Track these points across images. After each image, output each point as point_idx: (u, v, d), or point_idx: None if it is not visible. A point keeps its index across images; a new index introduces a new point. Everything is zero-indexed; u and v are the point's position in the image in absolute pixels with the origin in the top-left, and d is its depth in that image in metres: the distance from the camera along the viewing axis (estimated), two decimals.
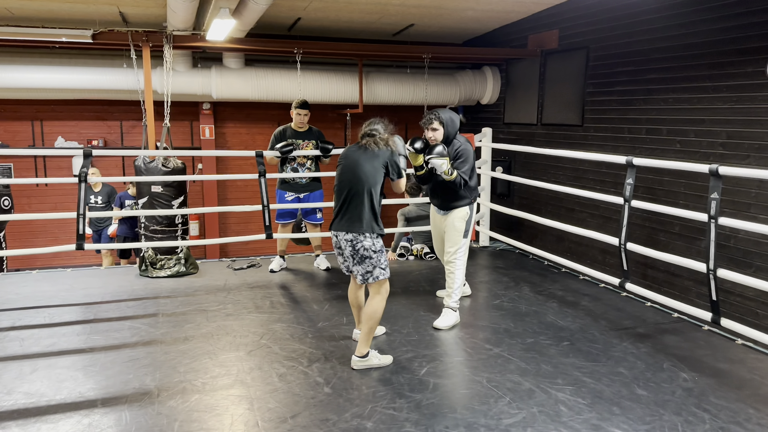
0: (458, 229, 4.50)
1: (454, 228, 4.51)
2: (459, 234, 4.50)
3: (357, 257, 3.69)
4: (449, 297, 4.53)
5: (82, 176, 5.05)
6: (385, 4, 7.19)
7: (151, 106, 6.39)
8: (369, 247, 3.67)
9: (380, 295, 3.75)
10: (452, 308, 4.51)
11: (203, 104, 9.49)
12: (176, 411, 3.20)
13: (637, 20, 6.43)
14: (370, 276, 3.71)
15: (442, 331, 4.36)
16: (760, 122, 5.17)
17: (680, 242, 5.95)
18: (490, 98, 9.44)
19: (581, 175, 7.34)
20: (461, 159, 4.40)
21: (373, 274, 3.70)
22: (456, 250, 4.53)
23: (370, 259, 3.68)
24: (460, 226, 4.50)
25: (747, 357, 3.98)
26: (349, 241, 3.69)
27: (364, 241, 3.66)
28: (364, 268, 3.70)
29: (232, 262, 6.28)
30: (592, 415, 3.18)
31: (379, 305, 3.74)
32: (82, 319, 4.59)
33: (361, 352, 3.72)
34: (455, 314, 4.51)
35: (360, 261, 3.70)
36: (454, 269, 4.52)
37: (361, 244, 3.66)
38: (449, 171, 4.30)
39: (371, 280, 3.72)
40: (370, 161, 3.72)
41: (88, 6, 6.72)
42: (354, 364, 3.72)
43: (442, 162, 4.25)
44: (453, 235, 4.52)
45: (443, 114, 4.41)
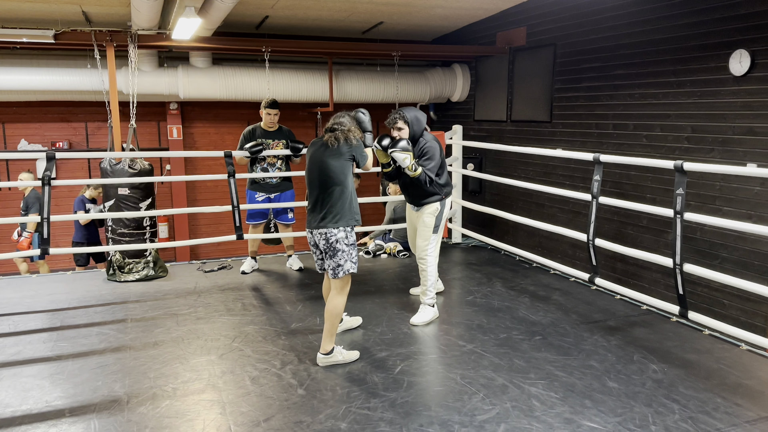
0: (428, 224, 4.52)
1: (424, 223, 4.54)
2: (429, 229, 4.52)
3: (330, 250, 3.75)
4: (424, 294, 4.55)
5: (45, 179, 4.93)
6: (354, 2, 7.16)
7: (117, 106, 6.26)
8: (342, 239, 3.74)
9: (342, 292, 3.82)
10: (428, 304, 4.54)
11: (170, 104, 9.34)
12: (146, 417, 3.14)
13: (603, 17, 6.52)
14: (341, 270, 3.75)
15: (416, 329, 4.37)
16: (723, 116, 5.28)
17: (648, 236, 6.06)
18: (460, 95, 9.48)
19: (551, 171, 7.42)
20: (426, 156, 4.41)
21: (344, 267, 3.75)
22: (426, 246, 4.54)
23: (342, 252, 3.74)
24: (430, 221, 4.52)
25: (714, 347, 4.06)
26: (322, 234, 3.75)
27: (337, 233, 3.74)
28: (336, 261, 3.75)
29: (203, 265, 6.20)
30: (564, 409, 3.21)
31: (340, 302, 3.80)
32: (48, 326, 4.48)
33: (325, 348, 3.77)
34: (432, 310, 4.54)
35: (332, 254, 3.75)
36: (426, 265, 4.54)
37: (335, 237, 3.73)
38: (413, 166, 4.31)
39: (341, 274, 3.75)
40: (335, 157, 3.76)
41: (50, 5, 6.56)
42: (319, 361, 3.76)
43: (405, 156, 4.27)
44: (423, 230, 4.55)
45: (408, 113, 4.42)
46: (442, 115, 10.20)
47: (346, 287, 3.83)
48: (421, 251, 4.56)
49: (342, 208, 3.75)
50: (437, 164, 4.46)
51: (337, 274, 3.76)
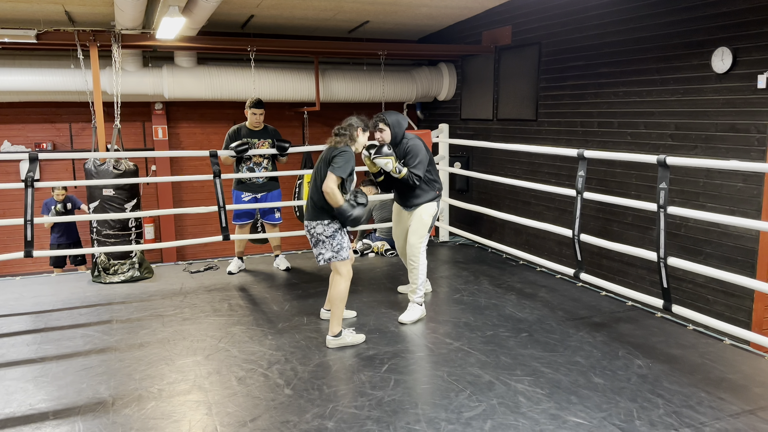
0: (425, 222, 4.58)
1: (421, 221, 4.57)
2: (425, 227, 4.58)
3: (313, 240, 4.11)
4: (413, 292, 4.57)
5: (28, 181, 4.88)
6: (340, 1, 7.15)
7: (101, 107, 6.21)
8: (321, 233, 4.05)
9: (340, 276, 4.08)
10: (417, 303, 4.55)
11: (155, 104, 9.27)
12: (132, 419, 3.12)
13: (588, 15, 6.56)
14: (321, 257, 4.07)
15: (403, 327, 4.37)
16: (706, 113, 5.33)
17: (633, 232, 6.10)
18: (446, 94, 9.49)
19: (537, 168, 7.45)
20: (410, 155, 4.46)
21: (324, 255, 4.06)
22: (420, 243, 4.57)
23: (323, 243, 4.06)
24: (428, 220, 4.58)
25: (698, 342, 4.10)
26: (306, 226, 4.13)
27: (316, 227, 4.06)
28: (318, 251, 4.09)
29: (189, 265, 6.16)
30: (550, 405, 3.22)
31: (341, 286, 4.07)
32: (32, 328, 4.44)
33: (333, 331, 4.01)
34: (420, 308, 4.55)
35: (314, 244, 4.11)
36: (417, 263, 4.56)
37: (314, 230, 4.07)
38: (396, 169, 4.38)
39: (322, 262, 4.08)
40: (325, 158, 4.06)
41: (32, 5, 6.49)
42: (328, 343, 4.01)
43: (387, 161, 4.36)
44: (419, 228, 4.57)
45: (389, 116, 4.50)
46: (429, 114, 10.21)
47: (345, 273, 4.07)
48: (414, 249, 4.57)
49: (318, 206, 4.03)
50: (424, 162, 4.48)
51: (319, 262, 4.09)
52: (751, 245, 5.00)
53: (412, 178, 4.43)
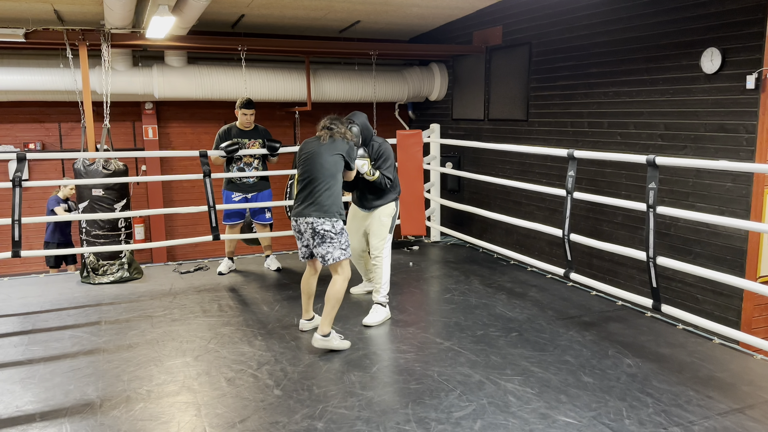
0: (385, 224, 4.59)
1: (381, 223, 4.58)
2: (385, 229, 4.58)
3: (318, 238, 3.90)
4: (377, 293, 4.54)
5: (16, 181, 4.84)
6: (331, 1, 7.14)
7: (90, 106, 6.17)
8: (329, 230, 3.89)
9: (341, 276, 3.96)
10: (381, 303, 4.52)
11: (145, 104, 9.23)
12: (120, 421, 3.10)
13: (577, 15, 6.58)
14: (331, 257, 3.90)
15: (394, 327, 4.36)
16: (695, 113, 5.36)
17: (623, 232, 6.12)
18: (438, 94, 9.50)
19: (528, 168, 7.47)
20: (383, 158, 4.53)
21: (333, 255, 3.90)
22: (383, 245, 4.57)
23: (331, 240, 3.89)
24: (387, 221, 4.59)
25: (687, 341, 4.12)
26: (309, 223, 3.90)
27: (324, 224, 3.88)
28: (325, 249, 3.90)
29: (179, 266, 6.13)
30: (540, 404, 3.23)
31: (340, 286, 3.94)
32: (19, 329, 4.40)
33: (323, 330, 3.86)
34: (385, 309, 4.52)
35: (321, 242, 3.90)
36: (381, 263, 4.55)
37: (321, 227, 3.88)
38: (370, 171, 4.43)
39: (331, 261, 3.91)
40: (329, 152, 3.98)
41: (20, 3, 6.44)
42: (314, 342, 3.87)
43: (363, 163, 4.39)
44: (380, 230, 4.58)
45: (357, 118, 4.49)
46: (421, 114, 10.21)
47: (344, 272, 3.97)
48: (377, 251, 4.57)
49: (328, 201, 3.91)
50: (392, 165, 4.58)
51: (327, 261, 3.91)
52: (739, 245, 5.03)
53: (384, 181, 4.50)
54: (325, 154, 3.97)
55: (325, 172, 3.94)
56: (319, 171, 3.94)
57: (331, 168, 3.95)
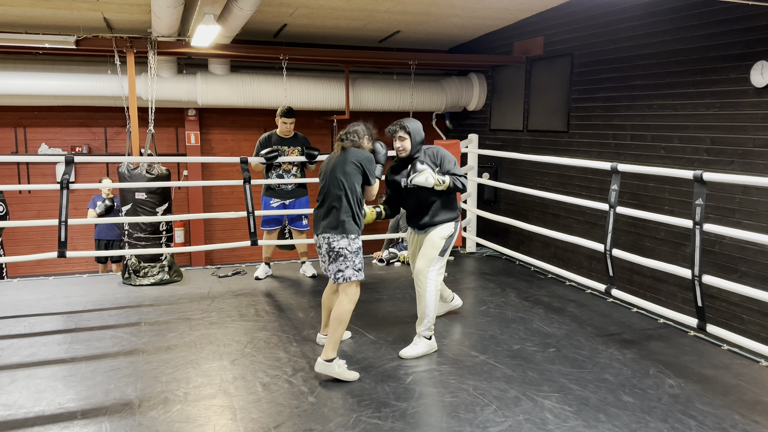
0: (436, 245, 4.01)
1: (432, 243, 4.02)
2: (435, 250, 4.01)
3: (332, 255, 3.73)
4: (419, 323, 4.03)
5: (64, 183, 4.98)
6: (371, 11, 7.19)
7: (136, 112, 6.32)
8: (344, 247, 3.71)
9: (348, 297, 3.72)
10: (425, 336, 4.03)
11: (188, 110, 9.42)
12: (157, 422, 3.14)
13: (621, 27, 6.48)
14: (341, 276, 3.70)
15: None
16: (743, 128, 5.21)
17: (666, 248, 5.98)
18: (476, 105, 9.46)
19: (567, 181, 7.36)
20: (445, 159, 4.04)
21: (345, 273, 3.70)
22: (428, 268, 4.01)
23: (345, 258, 3.70)
24: (440, 243, 4.02)
25: (732, 363, 3.98)
26: (325, 239, 3.75)
27: (340, 240, 3.71)
28: (337, 266, 3.72)
29: (217, 270, 6.22)
30: (578, 423, 3.16)
31: (345, 308, 3.70)
32: (63, 328, 4.51)
33: (327, 355, 3.64)
34: (427, 343, 4.04)
35: (334, 259, 3.73)
36: (424, 291, 3.99)
37: (337, 243, 3.71)
38: (440, 181, 3.92)
39: (341, 281, 3.71)
40: (343, 164, 3.76)
41: (72, 12, 6.65)
42: (317, 366, 3.66)
43: (427, 176, 3.89)
44: (429, 250, 4.02)
45: (409, 123, 4.04)
46: (458, 124, 10.18)
47: (352, 295, 3.73)
48: (421, 275, 4.01)
49: (345, 216, 3.71)
50: (457, 164, 4.09)
51: (337, 280, 3.72)
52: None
53: (458, 182, 3.98)
54: (339, 168, 3.75)
55: (340, 186, 3.72)
56: (334, 185, 3.73)
57: (347, 182, 3.72)
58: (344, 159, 3.77)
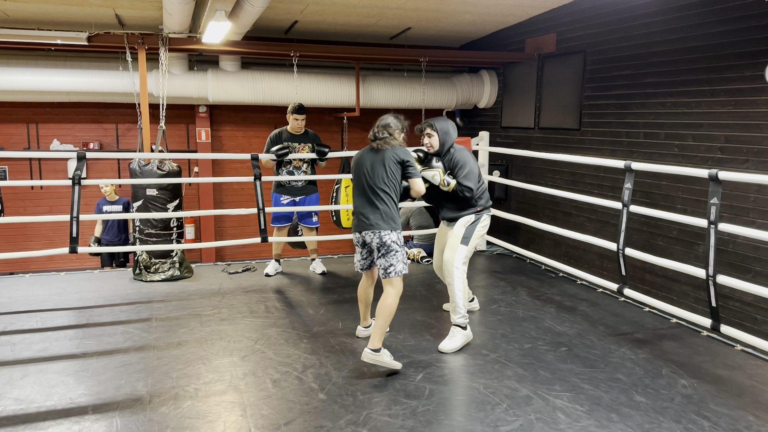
0: (457, 234, 4.20)
1: (454, 233, 4.24)
2: (457, 239, 4.19)
3: (383, 249, 3.82)
4: (454, 312, 4.13)
5: (75, 179, 5.00)
6: (383, 8, 7.16)
7: (147, 108, 6.34)
8: (395, 241, 3.83)
9: (395, 290, 3.84)
10: (460, 325, 4.11)
11: (199, 107, 9.44)
12: (168, 417, 3.15)
13: (635, 24, 6.41)
14: (393, 270, 3.81)
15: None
16: (758, 126, 5.15)
17: (678, 247, 5.92)
18: (487, 102, 9.41)
19: (579, 179, 7.31)
20: (459, 166, 4.17)
21: (396, 267, 3.81)
22: (453, 257, 4.16)
23: (396, 253, 3.82)
24: (459, 231, 4.21)
25: (746, 363, 3.94)
26: (377, 234, 3.82)
27: (391, 234, 3.82)
28: (388, 261, 3.81)
29: (227, 266, 6.23)
30: (590, 422, 3.13)
31: (394, 300, 3.81)
32: (74, 323, 4.53)
33: (374, 345, 3.69)
34: (463, 332, 4.11)
35: (385, 254, 3.82)
36: (452, 279, 4.14)
37: (389, 237, 3.81)
38: (444, 182, 4.14)
39: (393, 275, 3.81)
40: (383, 161, 3.84)
41: (84, 8, 6.68)
42: (365, 356, 3.68)
43: (434, 173, 4.14)
44: (452, 240, 4.22)
45: (438, 122, 4.25)
46: (469, 121, 10.13)
47: (400, 287, 3.87)
48: (448, 265, 4.17)
49: (393, 212, 3.85)
50: (474, 174, 4.21)
51: (389, 274, 3.81)
52: None
53: (462, 191, 4.14)
54: (378, 166, 3.84)
55: (386, 183, 3.82)
56: (379, 182, 3.82)
57: (391, 178, 3.83)
58: (383, 156, 3.85)
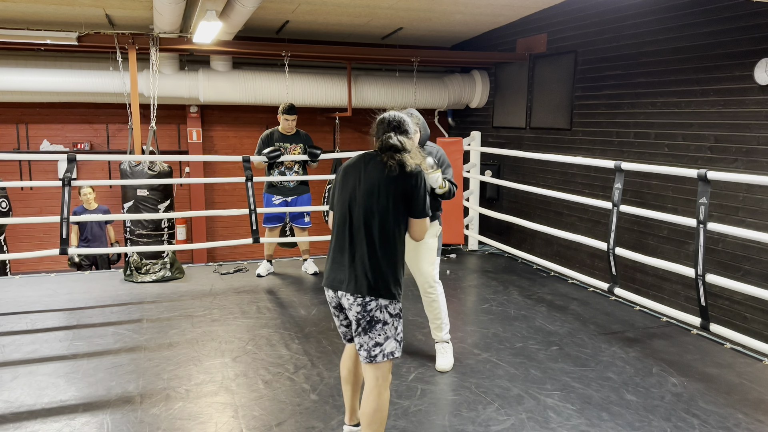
0: (431, 247, 3.83)
1: (427, 247, 3.81)
2: (433, 252, 3.84)
3: (365, 322, 2.60)
4: (439, 329, 3.89)
5: (66, 180, 4.98)
6: (374, 8, 7.17)
7: (137, 109, 6.32)
8: (385, 307, 2.61)
9: (384, 381, 2.64)
10: (447, 340, 3.91)
11: (190, 107, 9.41)
12: (159, 419, 3.14)
13: (625, 24, 6.45)
14: (379, 351, 2.60)
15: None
16: (747, 126, 5.19)
17: (669, 246, 5.96)
18: (479, 102, 9.43)
19: (570, 179, 7.34)
20: (446, 165, 3.83)
21: (385, 348, 2.60)
22: (433, 271, 3.85)
23: (385, 326, 2.61)
24: (433, 243, 3.84)
25: (736, 361, 3.97)
26: (358, 303, 2.59)
27: (382, 304, 2.60)
28: (373, 339, 2.60)
29: (219, 267, 6.21)
30: (581, 421, 3.15)
31: (384, 399, 2.63)
32: (64, 324, 4.51)
33: None
34: (451, 346, 3.93)
35: (369, 327, 2.60)
36: (436, 295, 3.84)
37: (377, 303, 2.59)
38: (444, 183, 3.58)
39: (380, 358, 2.60)
40: (390, 186, 2.59)
41: (74, 8, 6.64)
42: None
43: (437, 176, 3.49)
44: (427, 254, 3.81)
45: (418, 116, 3.69)
46: (461, 121, 10.16)
47: (388, 373, 2.66)
48: (429, 278, 3.82)
49: (392, 266, 2.61)
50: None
51: (374, 358, 2.60)
52: None
53: (452, 191, 3.69)
54: (383, 191, 2.58)
55: (384, 221, 2.58)
56: (375, 218, 2.58)
57: (395, 215, 2.60)
58: (395, 179, 2.59)
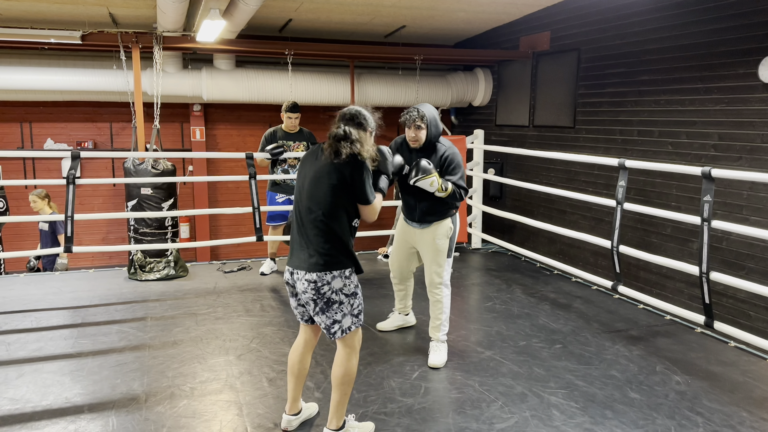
0: (442, 248, 3.80)
1: (436, 248, 3.79)
2: (443, 254, 3.81)
3: (321, 303, 2.76)
4: (437, 329, 3.88)
5: (70, 178, 4.99)
6: (377, 6, 7.16)
7: (141, 107, 6.33)
8: (339, 289, 2.76)
9: (351, 349, 2.84)
10: (444, 341, 3.92)
11: (194, 106, 9.42)
12: (164, 417, 3.15)
13: (629, 22, 6.44)
14: (338, 328, 2.78)
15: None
16: (751, 124, 5.18)
17: (672, 244, 5.95)
18: (482, 100, 9.43)
19: (573, 177, 7.34)
20: (453, 166, 3.72)
21: (342, 324, 2.79)
22: (442, 272, 3.84)
23: (340, 305, 2.77)
24: (444, 245, 3.79)
25: (740, 359, 3.97)
26: (311, 282, 2.74)
27: (332, 281, 2.74)
28: (331, 317, 2.77)
29: (223, 265, 6.22)
30: (584, 419, 3.15)
31: (351, 364, 2.83)
32: (69, 323, 4.53)
33: (335, 424, 2.85)
34: (446, 345, 3.94)
35: (325, 308, 2.76)
36: (441, 296, 3.85)
37: (329, 286, 2.74)
38: (442, 187, 3.63)
39: (339, 334, 2.79)
40: (329, 175, 2.75)
41: (77, 7, 6.66)
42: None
43: (432, 180, 3.57)
44: (436, 256, 3.81)
45: (427, 111, 3.69)
46: (464, 119, 10.15)
47: (356, 344, 2.87)
48: (437, 279, 3.83)
49: (338, 245, 2.76)
50: (464, 173, 3.81)
51: (335, 335, 2.80)
52: None
53: (459, 194, 3.71)
54: (323, 178, 2.75)
55: (327, 206, 2.73)
56: (318, 203, 2.74)
57: (337, 199, 2.75)
58: (329, 169, 2.76)
